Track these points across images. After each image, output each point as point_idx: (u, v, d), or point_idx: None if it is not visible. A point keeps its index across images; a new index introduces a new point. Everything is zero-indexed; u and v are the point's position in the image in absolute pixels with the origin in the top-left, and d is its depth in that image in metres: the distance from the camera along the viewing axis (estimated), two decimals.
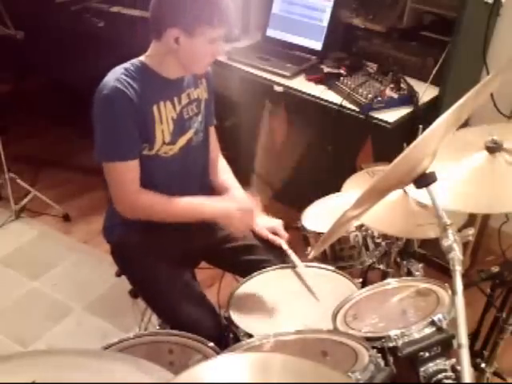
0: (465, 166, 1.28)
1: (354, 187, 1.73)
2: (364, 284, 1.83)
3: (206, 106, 1.69)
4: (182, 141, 1.62)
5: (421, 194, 1.12)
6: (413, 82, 2.23)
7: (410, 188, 1.13)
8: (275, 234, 1.73)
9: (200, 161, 1.73)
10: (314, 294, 1.53)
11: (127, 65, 1.52)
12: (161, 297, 1.61)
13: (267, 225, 1.74)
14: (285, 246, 1.69)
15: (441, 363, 1.28)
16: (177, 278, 1.61)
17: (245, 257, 1.72)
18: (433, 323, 1.32)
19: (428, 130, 0.95)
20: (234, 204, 1.59)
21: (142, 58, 1.55)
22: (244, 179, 1.85)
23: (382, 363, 1.26)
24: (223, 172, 1.81)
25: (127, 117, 1.47)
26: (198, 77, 1.67)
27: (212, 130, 1.78)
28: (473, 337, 1.85)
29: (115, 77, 1.47)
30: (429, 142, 1.02)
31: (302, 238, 1.84)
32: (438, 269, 2.13)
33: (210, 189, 1.79)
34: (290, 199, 1.85)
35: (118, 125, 1.48)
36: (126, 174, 1.52)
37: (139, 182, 1.54)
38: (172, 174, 1.62)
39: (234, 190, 1.73)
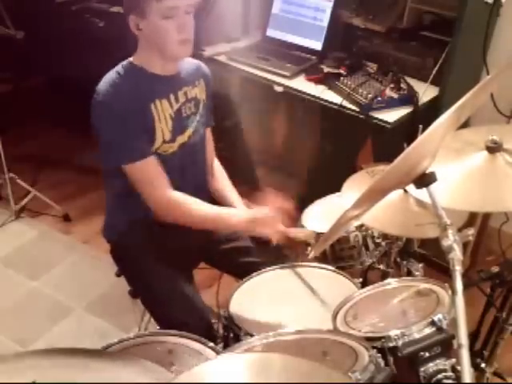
0: (465, 165, 1.28)
1: (354, 187, 1.73)
2: (364, 284, 1.83)
3: (204, 108, 1.69)
4: (182, 139, 1.61)
5: (422, 193, 1.12)
6: (413, 82, 2.23)
7: (412, 187, 1.13)
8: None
9: (198, 160, 1.72)
10: (314, 290, 1.52)
11: (118, 68, 1.52)
12: (155, 298, 1.61)
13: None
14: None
15: (441, 363, 1.28)
16: (174, 280, 1.61)
17: (242, 259, 1.72)
18: (433, 323, 1.32)
19: (428, 131, 0.95)
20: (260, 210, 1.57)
21: (131, 58, 1.55)
22: (243, 179, 1.85)
23: (382, 363, 1.26)
24: (220, 177, 1.81)
25: (129, 116, 1.46)
26: (196, 76, 1.66)
27: (208, 132, 1.78)
28: (473, 337, 1.85)
29: (108, 82, 1.48)
30: (428, 143, 1.02)
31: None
32: (438, 269, 2.12)
33: (207, 190, 1.79)
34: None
35: (125, 125, 1.47)
36: (151, 170, 1.51)
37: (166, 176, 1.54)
38: (170, 173, 1.62)
39: (237, 205, 1.72)
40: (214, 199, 1.80)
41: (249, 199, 1.75)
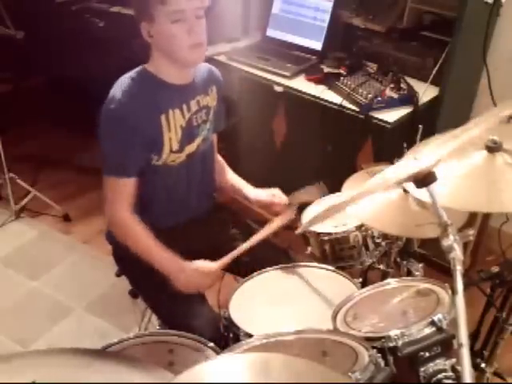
0: (464, 163, 1.28)
1: (354, 187, 1.73)
2: (364, 284, 1.83)
3: (214, 115, 1.68)
4: (190, 148, 1.60)
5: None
6: (413, 82, 2.23)
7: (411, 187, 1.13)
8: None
9: (206, 167, 1.72)
10: (314, 290, 1.52)
11: (133, 74, 1.51)
12: (160, 298, 1.61)
13: (266, 192, 1.75)
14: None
15: (441, 363, 1.28)
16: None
17: (245, 258, 1.72)
18: (433, 323, 1.32)
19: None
20: (192, 265, 1.53)
21: (146, 65, 1.53)
22: (243, 179, 1.85)
23: (382, 363, 1.26)
24: (223, 169, 1.83)
25: (135, 132, 1.46)
26: (209, 83, 1.65)
27: (214, 136, 1.78)
28: (473, 337, 1.85)
29: (122, 89, 1.46)
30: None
31: (302, 238, 1.83)
32: (438, 269, 2.12)
33: (211, 197, 1.80)
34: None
35: (126, 141, 1.46)
36: (126, 190, 1.52)
37: (134, 200, 1.54)
38: (178, 181, 1.62)
39: (247, 188, 1.76)
40: (217, 205, 1.83)
41: None
